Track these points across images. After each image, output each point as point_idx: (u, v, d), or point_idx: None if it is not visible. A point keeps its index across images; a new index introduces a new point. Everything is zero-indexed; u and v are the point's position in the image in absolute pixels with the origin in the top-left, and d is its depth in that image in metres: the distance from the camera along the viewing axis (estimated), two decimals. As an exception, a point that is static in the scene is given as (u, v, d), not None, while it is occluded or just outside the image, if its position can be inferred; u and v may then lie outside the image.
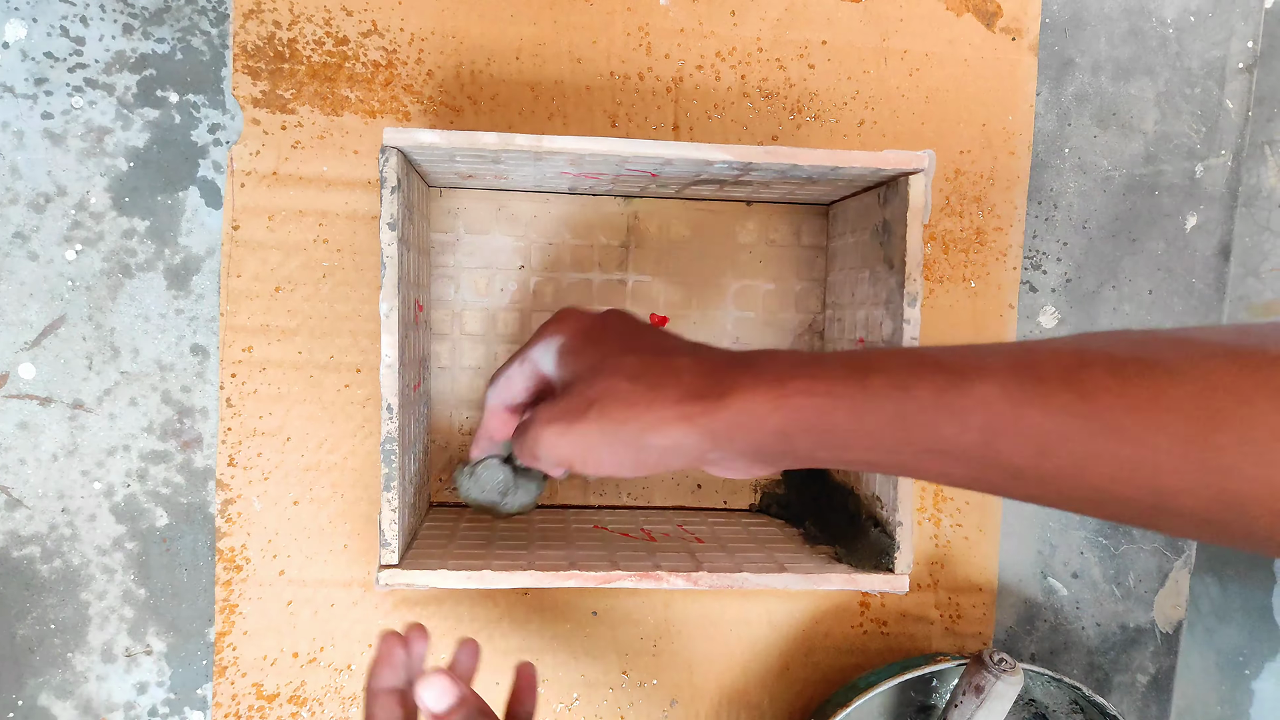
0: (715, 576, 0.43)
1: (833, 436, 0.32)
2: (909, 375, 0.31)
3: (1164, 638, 0.62)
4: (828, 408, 0.32)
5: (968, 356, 0.31)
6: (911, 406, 0.31)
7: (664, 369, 0.35)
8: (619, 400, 0.35)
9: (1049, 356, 0.30)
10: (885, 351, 0.33)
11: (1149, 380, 0.28)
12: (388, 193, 0.42)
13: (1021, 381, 0.29)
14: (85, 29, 0.52)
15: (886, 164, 0.44)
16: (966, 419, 0.30)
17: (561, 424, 0.36)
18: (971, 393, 0.30)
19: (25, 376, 0.53)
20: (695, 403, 0.34)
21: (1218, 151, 0.60)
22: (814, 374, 0.33)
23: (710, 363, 0.35)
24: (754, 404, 0.33)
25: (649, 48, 0.56)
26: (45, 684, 0.54)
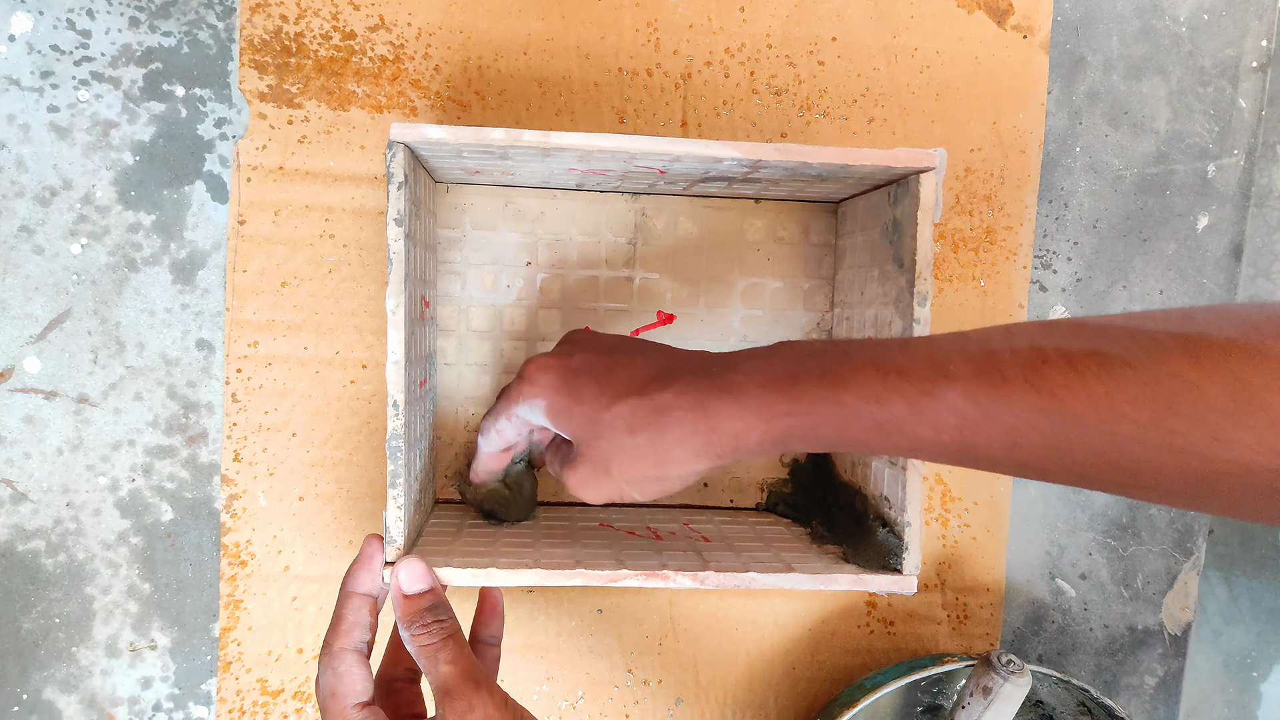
0: (722, 576, 0.43)
1: (822, 442, 0.36)
2: (881, 388, 0.34)
3: (1172, 640, 0.62)
4: (812, 424, 0.35)
5: (934, 360, 0.33)
6: (887, 416, 0.34)
7: (654, 412, 0.38)
8: (629, 455, 0.38)
9: (1010, 357, 0.32)
10: (855, 356, 0.35)
11: (1106, 374, 0.30)
12: (394, 188, 0.42)
13: (985, 385, 0.32)
14: (92, 22, 0.52)
15: (898, 162, 0.44)
16: (939, 423, 0.33)
17: (591, 486, 0.40)
18: (942, 399, 0.33)
19: (30, 370, 0.53)
20: (695, 441, 0.37)
21: (1230, 151, 0.60)
22: (793, 394, 0.35)
23: (694, 393, 0.37)
24: (745, 430, 0.36)
25: (658, 43, 0.56)
26: (50, 678, 0.54)
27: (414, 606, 0.40)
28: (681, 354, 0.41)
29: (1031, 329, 0.33)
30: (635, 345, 0.42)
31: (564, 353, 0.42)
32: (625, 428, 0.38)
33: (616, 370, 0.40)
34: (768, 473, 0.57)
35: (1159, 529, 0.61)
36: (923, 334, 0.44)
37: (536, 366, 0.42)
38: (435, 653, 0.38)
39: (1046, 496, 0.60)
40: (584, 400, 0.40)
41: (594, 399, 0.39)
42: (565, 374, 0.41)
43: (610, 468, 0.39)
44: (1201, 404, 0.29)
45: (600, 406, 0.39)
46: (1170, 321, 0.31)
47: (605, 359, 0.41)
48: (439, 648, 0.39)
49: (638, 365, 0.40)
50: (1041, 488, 0.60)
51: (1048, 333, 0.32)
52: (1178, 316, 0.31)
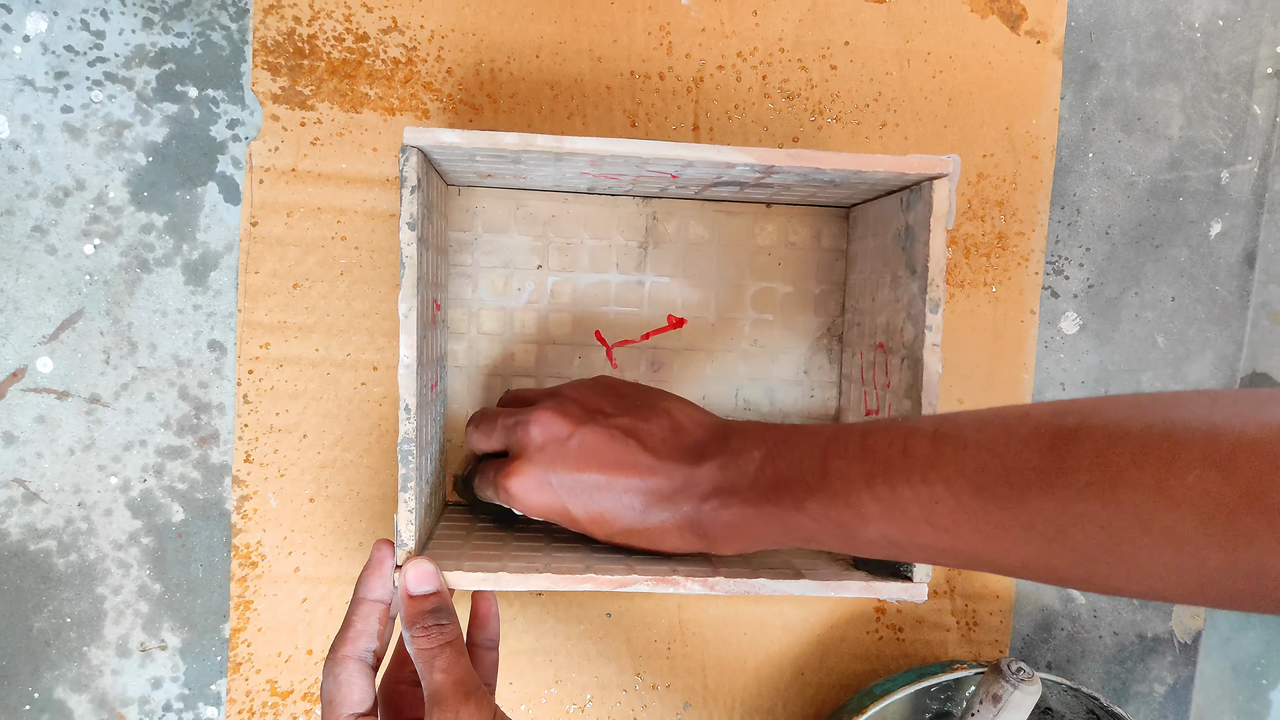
0: (732, 582, 0.43)
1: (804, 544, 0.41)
2: (817, 531, 0.39)
3: (1182, 648, 0.62)
4: (785, 535, 0.40)
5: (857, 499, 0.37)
6: (827, 545, 0.39)
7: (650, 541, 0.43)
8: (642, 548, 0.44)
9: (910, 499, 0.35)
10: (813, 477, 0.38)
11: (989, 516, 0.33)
12: (407, 192, 0.42)
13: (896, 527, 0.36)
14: (105, 23, 0.52)
15: (911, 168, 0.44)
16: (871, 549, 0.38)
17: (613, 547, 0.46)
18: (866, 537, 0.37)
19: (43, 370, 0.53)
20: (691, 548, 0.43)
21: (1244, 158, 0.60)
22: (750, 537, 0.41)
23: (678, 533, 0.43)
24: (727, 552, 0.42)
25: (670, 47, 0.56)
26: (61, 677, 0.54)
27: (418, 608, 0.40)
28: (654, 465, 0.42)
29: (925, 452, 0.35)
30: (607, 452, 0.43)
31: (537, 466, 0.43)
32: (622, 540, 0.44)
33: (599, 496, 0.43)
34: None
35: (1169, 536, 0.61)
36: (934, 340, 0.44)
37: (520, 488, 0.44)
38: (431, 658, 0.39)
39: (1057, 503, 0.60)
40: (579, 522, 0.44)
41: (589, 523, 0.43)
42: (550, 497, 0.43)
43: (621, 542, 0.45)
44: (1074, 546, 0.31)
45: (599, 531, 0.44)
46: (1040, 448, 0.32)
47: (585, 479, 0.43)
48: (435, 654, 0.39)
49: (619, 490, 0.43)
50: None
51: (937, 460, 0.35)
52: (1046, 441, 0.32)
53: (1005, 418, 0.34)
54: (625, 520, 0.43)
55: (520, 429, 0.44)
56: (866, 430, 0.38)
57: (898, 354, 0.47)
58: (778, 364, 0.57)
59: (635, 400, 0.45)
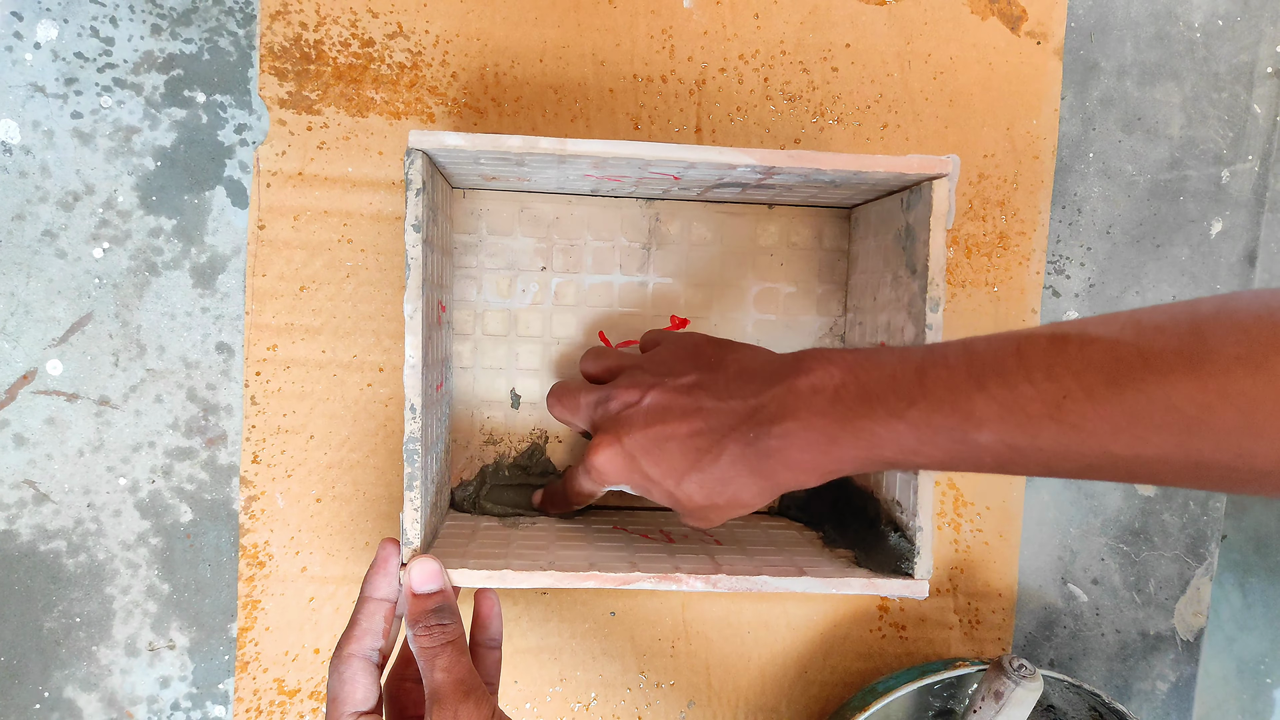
0: (734, 579, 0.44)
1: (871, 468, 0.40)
2: (915, 442, 0.36)
3: (1185, 645, 0.62)
4: (855, 465, 0.39)
5: (958, 408, 0.35)
6: (930, 461, 0.37)
7: (719, 483, 0.42)
8: (714, 510, 0.43)
9: (1030, 393, 0.33)
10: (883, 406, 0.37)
11: (1124, 404, 0.32)
12: (412, 195, 0.42)
13: (1013, 426, 0.34)
14: (115, 29, 0.53)
15: (910, 169, 0.44)
16: (979, 462, 0.36)
17: (702, 523, 0.45)
18: (975, 444, 0.35)
19: (53, 373, 0.53)
20: (762, 488, 0.41)
21: (1244, 157, 0.60)
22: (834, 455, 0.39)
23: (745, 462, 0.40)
24: (802, 478, 0.40)
25: (672, 50, 0.56)
26: (71, 676, 0.54)
27: (421, 606, 0.40)
28: (714, 405, 0.42)
29: (1044, 350, 0.34)
30: (674, 405, 0.43)
31: (614, 435, 0.44)
32: (702, 497, 0.42)
33: (667, 447, 0.42)
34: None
35: (1172, 534, 0.61)
36: (934, 339, 0.44)
37: (600, 461, 0.44)
38: (433, 657, 0.39)
39: (1059, 502, 0.60)
40: (657, 483, 0.43)
41: (664, 480, 0.43)
42: (628, 462, 0.43)
43: (708, 517, 0.44)
44: (1218, 426, 0.30)
45: (673, 486, 0.42)
46: (1178, 332, 0.31)
47: (654, 434, 0.42)
48: (436, 653, 0.39)
49: (682, 437, 0.42)
50: (1054, 493, 0.60)
51: (1061, 356, 0.33)
52: (1185, 325, 0.31)
53: (1132, 314, 0.33)
54: (697, 471, 0.41)
55: (600, 407, 0.46)
56: (967, 342, 0.37)
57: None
58: (780, 364, 0.57)
59: (708, 355, 0.45)
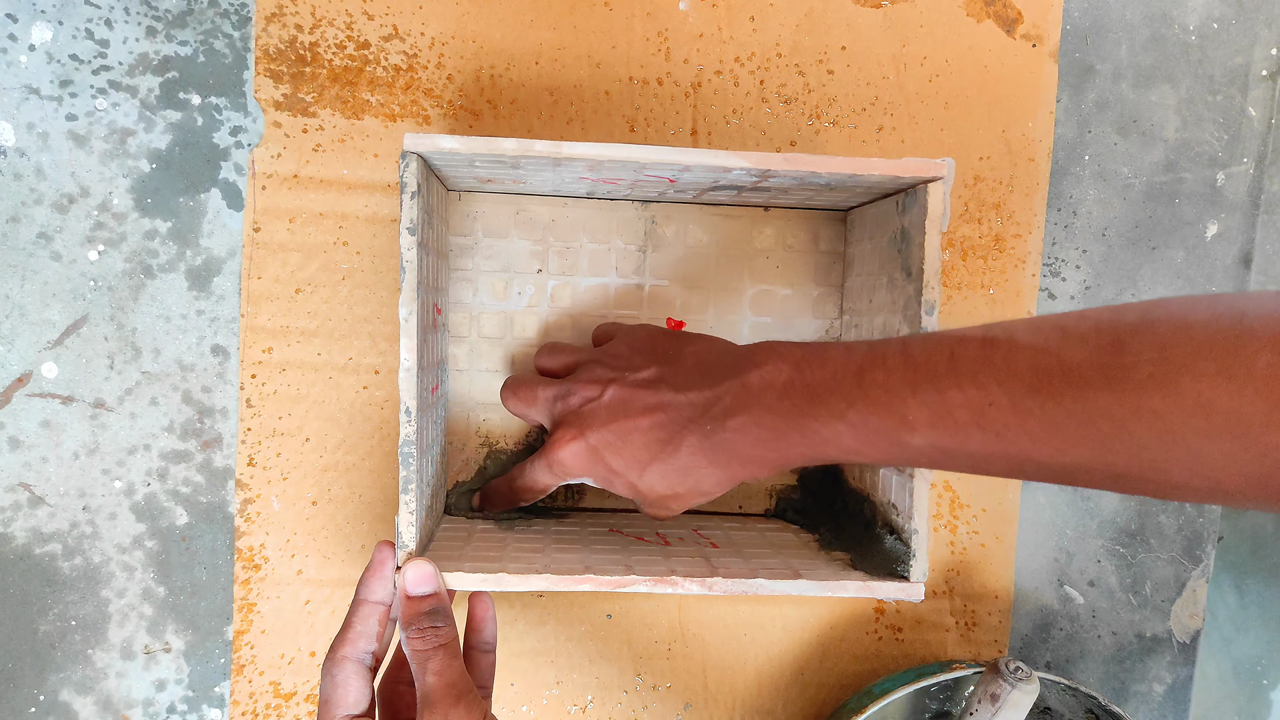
0: (730, 582, 0.44)
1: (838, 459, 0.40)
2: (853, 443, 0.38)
3: (1181, 647, 0.62)
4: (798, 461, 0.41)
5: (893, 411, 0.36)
6: (866, 458, 0.39)
7: (680, 473, 0.43)
8: (675, 499, 0.45)
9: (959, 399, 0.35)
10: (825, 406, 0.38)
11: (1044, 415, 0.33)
12: (408, 198, 0.42)
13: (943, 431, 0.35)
14: (110, 31, 0.53)
15: (905, 172, 0.44)
16: (915, 460, 0.38)
17: (658, 516, 0.46)
18: (909, 447, 0.37)
19: (48, 375, 0.53)
20: (721, 477, 0.43)
21: (1239, 159, 0.60)
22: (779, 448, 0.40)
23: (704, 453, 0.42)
24: (759, 474, 0.42)
25: (668, 53, 0.56)
26: (66, 680, 0.54)
27: (415, 609, 0.40)
28: (674, 398, 0.43)
29: (974, 356, 0.35)
30: (634, 400, 0.44)
31: (576, 428, 0.45)
32: (664, 486, 0.44)
33: (629, 439, 0.44)
34: (776, 480, 0.58)
35: (1168, 536, 0.61)
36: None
37: (563, 453, 0.45)
38: (425, 660, 0.39)
39: (1055, 504, 0.60)
40: (616, 471, 0.44)
41: (626, 471, 0.44)
42: (592, 456, 0.45)
43: (669, 507, 0.45)
44: (1132, 441, 0.31)
45: (635, 478, 0.44)
46: (1099, 345, 0.32)
47: (615, 428, 0.44)
48: (429, 656, 0.39)
49: (643, 429, 0.43)
50: (1050, 495, 0.60)
51: (988, 363, 0.34)
52: (1106, 338, 0.32)
53: (1059, 320, 0.34)
54: (659, 462, 0.43)
55: (560, 402, 0.47)
56: (905, 342, 0.38)
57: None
58: (776, 366, 0.57)
59: (664, 348, 0.47)
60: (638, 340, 0.48)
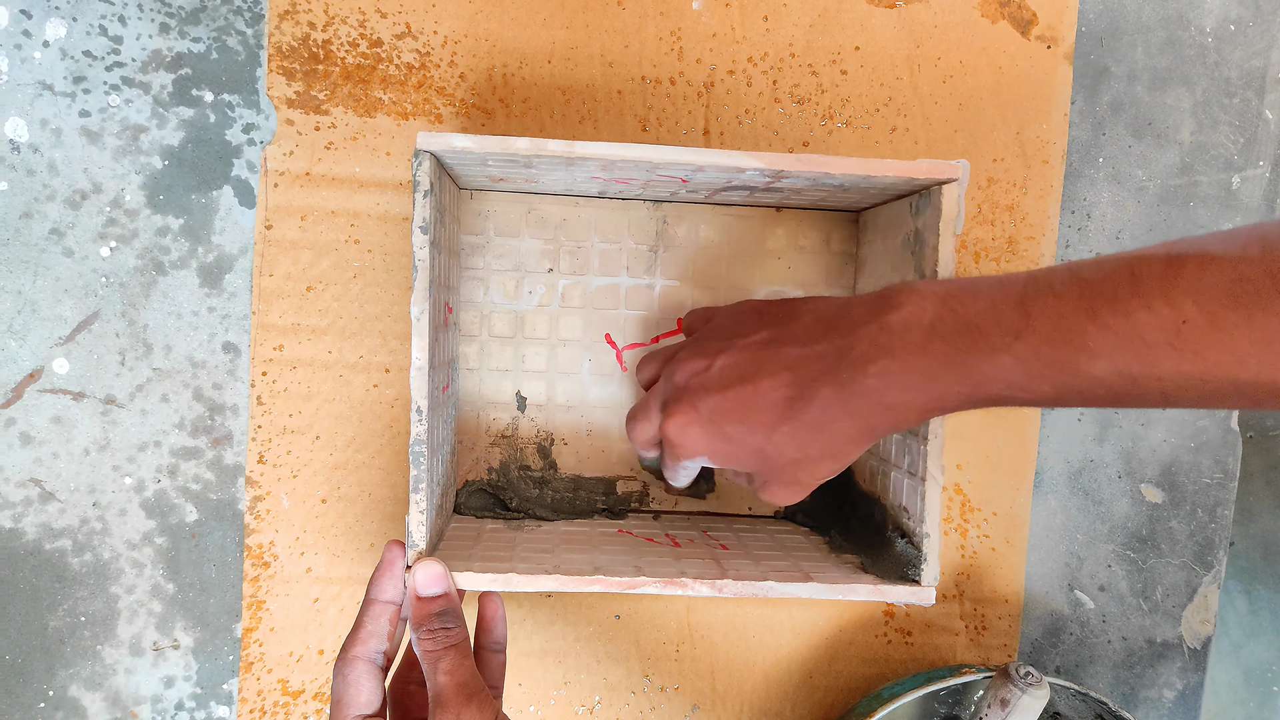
0: (740, 584, 0.43)
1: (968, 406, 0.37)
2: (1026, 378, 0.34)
3: (1191, 653, 0.62)
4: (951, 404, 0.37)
5: (1079, 332, 0.33)
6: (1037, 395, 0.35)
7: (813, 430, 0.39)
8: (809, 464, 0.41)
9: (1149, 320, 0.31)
10: (1013, 318, 0.34)
11: (1252, 328, 0.30)
12: (420, 196, 0.42)
13: (1131, 355, 0.32)
14: (123, 28, 0.53)
15: (920, 173, 0.44)
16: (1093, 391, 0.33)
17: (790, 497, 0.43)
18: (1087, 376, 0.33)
19: (59, 371, 0.53)
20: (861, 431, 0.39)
21: (1256, 163, 0.60)
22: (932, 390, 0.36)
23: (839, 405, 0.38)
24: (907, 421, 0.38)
25: (681, 52, 0.56)
26: (75, 675, 0.54)
27: (425, 609, 0.40)
28: (800, 354, 0.40)
29: (1160, 273, 0.31)
30: (748, 363, 0.41)
31: (686, 404, 0.42)
32: (795, 449, 0.40)
33: (750, 403, 0.40)
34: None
35: (1179, 541, 0.61)
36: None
37: (677, 432, 0.42)
38: (436, 660, 0.39)
39: (1066, 508, 0.60)
40: (739, 442, 0.41)
41: (748, 437, 0.40)
42: (707, 428, 0.41)
43: (799, 478, 0.42)
44: None
45: (761, 442, 0.40)
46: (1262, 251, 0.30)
47: (732, 396, 0.40)
48: (440, 656, 0.39)
49: (765, 390, 0.40)
50: (1061, 499, 0.60)
51: (1179, 279, 0.31)
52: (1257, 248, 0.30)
53: (1254, 230, 0.31)
54: (787, 422, 0.39)
55: (665, 382, 0.44)
56: (1073, 266, 0.34)
57: None
58: (787, 368, 0.57)
59: (776, 312, 0.43)
60: (741, 311, 0.45)
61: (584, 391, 0.56)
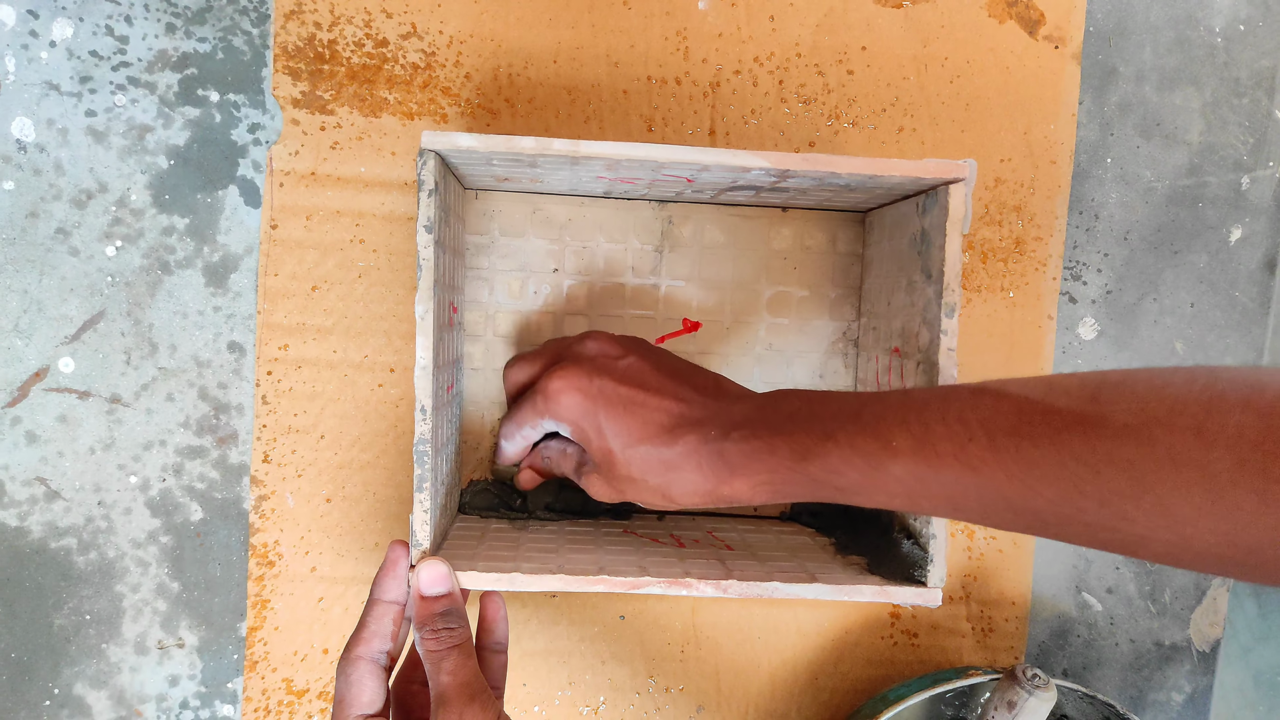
0: (745, 585, 0.43)
1: (800, 498, 0.41)
2: (839, 462, 0.38)
3: (1200, 656, 0.61)
4: (787, 489, 0.41)
5: (880, 436, 0.37)
6: (846, 484, 0.39)
7: (663, 464, 0.42)
8: (638, 486, 0.44)
9: (942, 431, 0.36)
10: (818, 426, 0.39)
11: (1020, 454, 0.34)
12: (424, 196, 0.42)
13: (922, 460, 0.36)
14: (129, 28, 0.53)
15: (927, 173, 0.44)
16: (890, 491, 0.38)
17: (602, 495, 0.46)
18: (889, 473, 0.37)
19: (65, 370, 0.53)
20: (697, 489, 0.42)
21: (1265, 163, 0.59)
22: (770, 465, 0.40)
23: (697, 455, 0.42)
24: (735, 492, 0.41)
25: (686, 52, 0.56)
26: (80, 674, 0.54)
27: (428, 610, 0.40)
28: (692, 397, 0.44)
29: (964, 400, 0.36)
30: (651, 378, 0.44)
31: (583, 370, 0.45)
32: (638, 470, 0.43)
33: (634, 410, 0.43)
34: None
35: (1188, 544, 0.60)
36: (950, 345, 0.44)
37: (561, 385, 0.45)
38: (439, 660, 0.39)
39: (1074, 510, 0.59)
40: (603, 435, 0.44)
41: (613, 436, 0.43)
42: (587, 401, 0.44)
43: (623, 490, 0.44)
44: (1103, 487, 0.32)
45: (618, 446, 0.43)
46: (1081, 396, 0.33)
47: (625, 392, 0.44)
48: (442, 656, 0.39)
49: (652, 408, 0.43)
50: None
51: (976, 406, 0.36)
52: (1089, 390, 0.33)
53: (1049, 376, 0.36)
54: (648, 445, 0.42)
55: (574, 344, 0.47)
56: (909, 390, 0.40)
57: (913, 358, 0.47)
58: (793, 368, 0.57)
59: (684, 364, 0.47)
60: (653, 347, 0.48)
61: (589, 392, 0.56)
